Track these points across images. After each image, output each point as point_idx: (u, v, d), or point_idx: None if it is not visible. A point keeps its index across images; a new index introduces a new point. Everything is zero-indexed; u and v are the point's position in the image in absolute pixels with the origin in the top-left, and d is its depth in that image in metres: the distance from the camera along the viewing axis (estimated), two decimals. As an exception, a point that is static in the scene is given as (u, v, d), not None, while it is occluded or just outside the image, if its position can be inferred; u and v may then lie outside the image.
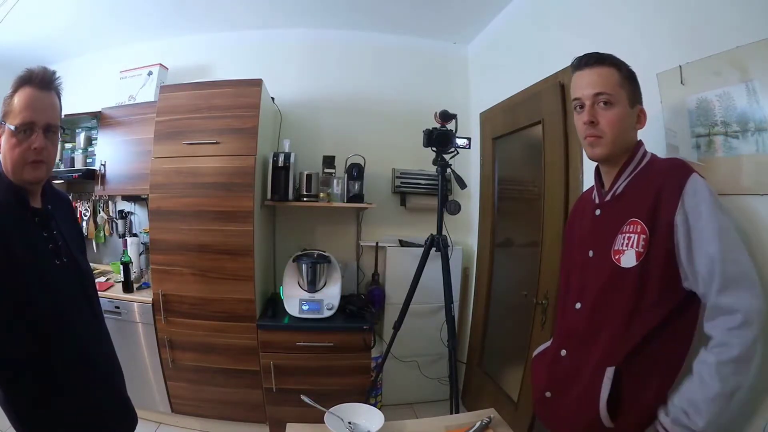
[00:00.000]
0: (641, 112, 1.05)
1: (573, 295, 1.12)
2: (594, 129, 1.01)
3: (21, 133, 0.96)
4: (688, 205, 0.89)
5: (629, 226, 0.97)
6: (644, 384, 0.95)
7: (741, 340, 0.82)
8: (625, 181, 1.03)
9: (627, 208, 1.00)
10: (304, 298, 2.33)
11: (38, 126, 0.98)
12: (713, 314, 0.87)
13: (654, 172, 0.99)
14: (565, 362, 1.10)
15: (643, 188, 0.98)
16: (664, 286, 0.93)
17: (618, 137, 1.01)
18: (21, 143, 0.97)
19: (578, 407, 1.02)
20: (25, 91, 0.98)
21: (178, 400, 2.39)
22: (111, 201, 2.90)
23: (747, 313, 0.83)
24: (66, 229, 1.12)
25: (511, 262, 2.56)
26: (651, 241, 0.93)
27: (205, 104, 2.28)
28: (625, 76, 1.01)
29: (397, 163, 2.85)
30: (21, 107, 0.97)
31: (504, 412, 1.58)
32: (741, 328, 0.82)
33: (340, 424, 1.11)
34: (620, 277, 0.97)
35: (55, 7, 2.38)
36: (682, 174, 0.92)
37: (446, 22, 2.71)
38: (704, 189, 0.89)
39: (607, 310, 1.00)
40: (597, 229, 1.07)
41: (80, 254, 1.18)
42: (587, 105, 1.02)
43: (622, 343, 0.96)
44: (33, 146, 0.97)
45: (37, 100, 0.99)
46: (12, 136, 0.96)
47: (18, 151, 0.97)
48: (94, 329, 1.16)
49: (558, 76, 1.89)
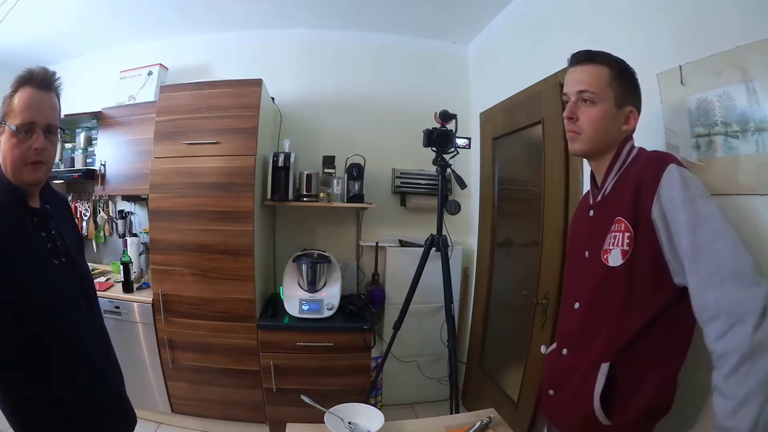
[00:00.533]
0: (631, 113, 1.02)
1: (571, 295, 1.13)
2: (573, 125, 1.03)
3: (21, 134, 0.96)
4: (664, 199, 0.87)
5: (615, 225, 0.97)
6: (641, 380, 0.95)
7: (736, 344, 0.75)
8: (613, 180, 1.03)
9: (614, 207, 1.00)
10: (304, 298, 2.33)
11: (39, 126, 0.98)
12: (701, 318, 0.82)
13: (635, 167, 0.98)
14: (565, 361, 1.11)
15: (625, 185, 0.98)
16: (654, 282, 0.92)
17: (597, 135, 1.01)
18: (21, 143, 0.97)
19: (574, 403, 1.04)
20: (26, 91, 0.98)
21: (178, 400, 2.39)
22: (111, 201, 2.90)
23: (732, 311, 0.76)
24: (65, 230, 1.13)
25: (511, 262, 2.56)
26: (635, 238, 0.93)
27: (205, 104, 2.28)
28: (616, 76, 1.00)
29: (397, 163, 2.85)
30: (22, 107, 0.96)
31: (504, 412, 1.58)
32: (733, 330, 0.75)
33: (340, 424, 1.11)
34: (610, 276, 0.98)
35: (55, 8, 2.38)
36: (659, 166, 0.90)
37: (446, 22, 2.71)
38: (677, 178, 0.86)
39: (601, 309, 1.01)
40: (591, 230, 1.08)
41: (79, 254, 1.18)
42: (571, 101, 1.03)
43: (615, 340, 0.96)
44: (33, 147, 0.97)
45: (38, 101, 0.99)
46: (12, 136, 0.96)
47: (18, 152, 0.97)
48: (92, 329, 1.16)
49: (558, 76, 1.89)
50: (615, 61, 1.02)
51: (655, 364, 0.95)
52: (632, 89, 1.03)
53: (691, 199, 0.84)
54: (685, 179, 0.86)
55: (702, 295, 0.81)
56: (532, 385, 1.97)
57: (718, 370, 0.77)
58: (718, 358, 0.78)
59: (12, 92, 0.98)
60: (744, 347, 0.74)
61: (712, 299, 0.79)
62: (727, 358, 0.75)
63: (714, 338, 0.78)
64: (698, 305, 0.82)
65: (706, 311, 0.81)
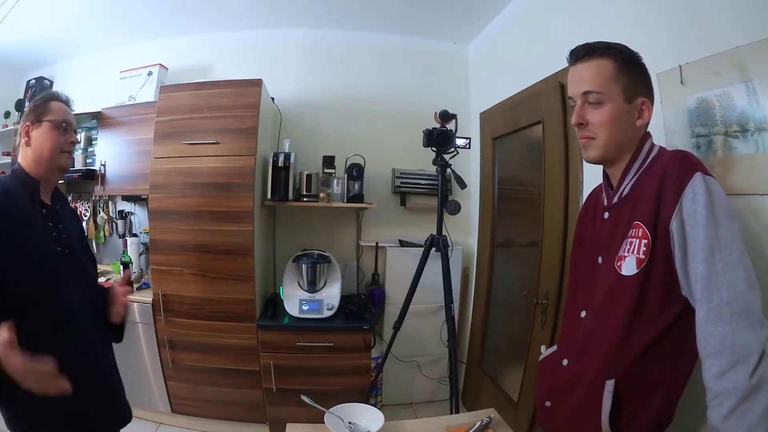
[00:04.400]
0: (644, 105, 0.93)
1: (579, 303, 1.06)
2: (584, 130, 0.95)
3: (61, 128, 1.18)
4: (686, 211, 0.80)
5: (633, 230, 0.89)
6: (646, 399, 0.91)
7: (735, 384, 0.73)
8: (632, 181, 0.94)
9: (632, 209, 0.92)
10: (304, 298, 2.33)
11: (72, 127, 1.23)
12: (704, 351, 0.79)
13: (657, 169, 0.88)
14: (565, 372, 1.05)
15: (647, 188, 0.89)
16: (666, 295, 0.86)
17: (611, 138, 0.93)
18: (60, 136, 1.18)
19: (576, 418, 0.99)
20: (57, 103, 1.21)
21: (178, 400, 2.39)
22: (111, 201, 2.90)
23: (737, 350, 0.74)
24: (71, 228, 1.24)
25: (511, 262, 2.56)
26: (654, 246, 0.85)
27: (205, 104, 2.28)
28: (620, 67, 0.91)
29: (397, 163, 2.85)
30: (61, 111, 1.20)
31: (504, 412, 1.58)
32: (734, 370, 0.73)
33: (340, 424, 1.11)
34: (621, 286, 0.90)
35: (55, 8, 2.38)
36: (684, 173, 0.82)
37: (446, 22, 2.71)
38: (703, 193, 0.79)
39: (609, 320, 0.94)
40: (605, 234, 1.00)
41: (83, 252, 1.26)
42: (578, 104, 0.95)
43: (621, 355, 0.91)
44: (70, 140, 1.21)
45: (68, 110, 1.24)
46: (54, 128, 1.17)
47: (58, 141, 1.18)
48: (91, 322, 1.19)
49: (558, 76, 1.89)
50: (617, 50, 0.92)
51: (662, 380, 0.90)
52: (641, 77, 0.94)
53: (715, 219, 0.78)
54: (711, 194, 0.79)
55: (709, 327, 0.78)
56: (532, 386, 1.97)
57: (715, 409, 0.75)
58: (714, 396, 0.76)
59: (43, 101, 1.20)
60: (743, 388, 0.72)
61: (719, 334, 0.76)
62: (726, 397, 0.74)
63: (713, 375, 0.76)
64: (703, 337, 0.79)
65: (710, 345, 0.77)
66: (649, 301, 0.88)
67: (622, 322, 0.90)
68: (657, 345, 0.88)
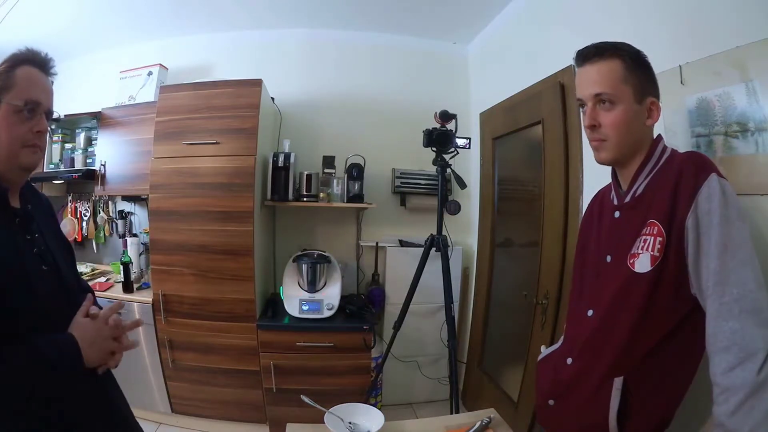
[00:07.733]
0: (653, 105, 0.94)
1: (586, 302, 1.05)
2: (597, 133, 0.95)
3: (24, 112, 0.85)
4: (701, 210, 0.82)
5: (648, 227, 0.90)
6: (653, 397, 0.91)
7: (742, 380, 0.74)
8: (645, 181, 0.95)
9: (647, 208, 0.92)
10: (304, 298, 2.33)
11: (42, 108, 0.89)
12: (712, 347, 0.80)
13: (672, 170, 0.90)
14: (570, 370, 1.05)
15: (662, 187, 0.90)
16: (676, 294, 0.87)
17: (623, 139, 0.93)
18: (23, 123, 0.85)
19: (582, 417, 0.99)
20: (28, 69, 0.88)
21: (178, 400, 2.39)
22: (111, 201, 2.90)
23: (746, 346, 0.75)
24: (47, 232, 0.98)
25: (511, 262, 2.56)
26: (668, 244, 0.86)
27: (204, 104, 2.28)
28: (629, 68, 0.92)
29: (397, 163, 2.85)
30: (27, 84, 0.86)
31: (504, 412, 1.58)
32: (742, 366, 0.75)
33: (340, 424, 1.11)
34: (633, 283, 0.91)
35: (55, 8, 2.38)
36: (699, 173, 0.84)
37: (446, 22, 2.70)
38: (718, 193, 0.81)
39: (618, 318, 0.94)
40: (616, 233, 1.00)
41: (63, 260, 1.00)
42: (589, 107, 0.95)
43: (630, 353, 0.92)
44: (36, 129, 0.87)
45: (42, 82, 0.91)
46: (13, 113, 0.84)
47: (18, 131, 0.85)
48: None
49: (558, 76, 1.89)
50: (625, 51, 0.93)
51: (666, 380, 0.91)
52: (648, 77, 0.95)
53: (728, 219, 0.80)
54: (725, 195, 0.81)
55: (720, 322, 0.79)
56: (532, 385, 1.97)
57: (722, 405, 0.76)
58: (721, 392, 0.77)
59: (9, 67, 0.86)
60: (750, 384, 0.74)
61: (729, 329, 0.77)
62: (733, 393, 0.75)
63: (722, 371, 0.77)
64: (713, 332, 0.80)
65: (719, 340, 0.79)
66: (659, 299, 0.89)
67: (633, 319, 0.91)
68: (664, 344, 0.89)
